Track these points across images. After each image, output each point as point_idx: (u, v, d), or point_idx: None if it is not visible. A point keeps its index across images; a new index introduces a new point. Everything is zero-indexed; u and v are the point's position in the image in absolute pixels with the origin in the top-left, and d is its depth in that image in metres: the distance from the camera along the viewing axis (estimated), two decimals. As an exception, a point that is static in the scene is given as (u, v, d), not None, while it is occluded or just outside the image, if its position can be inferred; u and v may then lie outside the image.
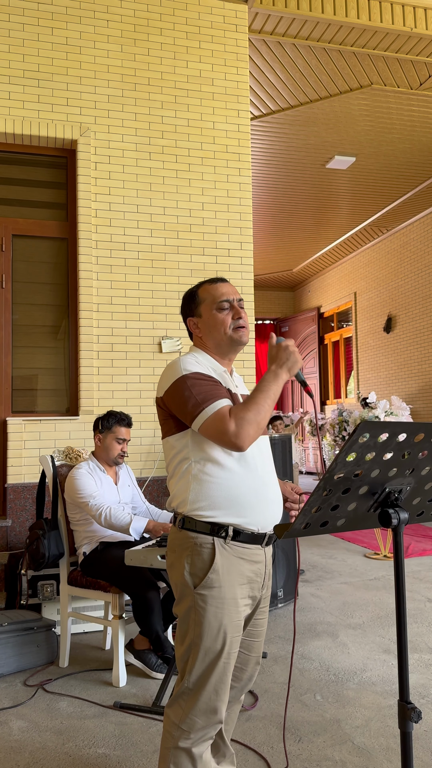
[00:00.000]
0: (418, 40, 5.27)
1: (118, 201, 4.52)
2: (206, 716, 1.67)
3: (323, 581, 4.81)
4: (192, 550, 1.70)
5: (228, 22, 4.80)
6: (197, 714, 1.67)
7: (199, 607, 1.67)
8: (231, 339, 1.81)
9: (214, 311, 1.81)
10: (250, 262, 4.76)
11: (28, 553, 3.33)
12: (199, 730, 1.68)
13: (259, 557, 1.76)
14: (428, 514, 1.55)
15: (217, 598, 1.67)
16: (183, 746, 1.67)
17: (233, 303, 1.82)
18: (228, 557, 1.69)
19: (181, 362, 1.74)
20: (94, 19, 4.52)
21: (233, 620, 1.68)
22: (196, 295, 1.86)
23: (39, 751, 2.41)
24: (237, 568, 1.71)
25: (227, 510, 1.69)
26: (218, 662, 1.67)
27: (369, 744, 2.41)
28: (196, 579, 1.69)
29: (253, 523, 1.72)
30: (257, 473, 1.74)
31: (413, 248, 9.84)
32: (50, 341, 4.49)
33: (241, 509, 1.70)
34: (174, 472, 1.77)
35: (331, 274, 12.62)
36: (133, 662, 3.14)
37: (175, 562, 1.74)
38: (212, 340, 1.83)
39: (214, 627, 1.66)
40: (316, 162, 7.68)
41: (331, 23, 5.00)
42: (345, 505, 1.36)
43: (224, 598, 1.68)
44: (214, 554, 1.68)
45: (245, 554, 1.72)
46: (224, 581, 1.68)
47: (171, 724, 1.70)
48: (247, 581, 1.73)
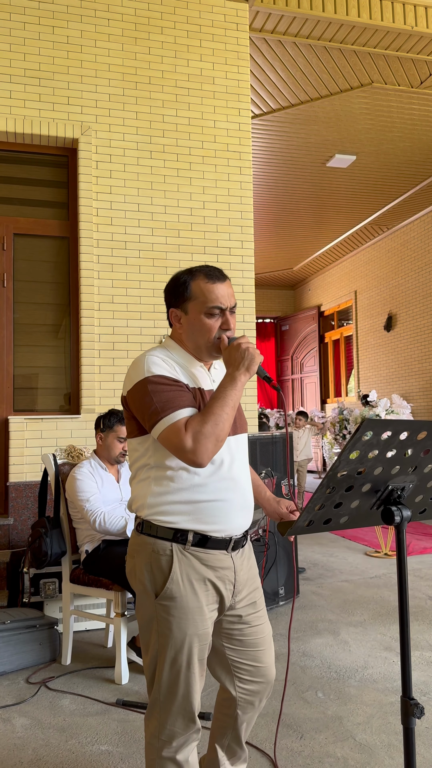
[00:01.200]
0: (419, 39, 5.28)
1: (119, 199, 4.52)
2: (183, 723, 1.62)
3: (324, 579, 4.82)
4: (151, 557, 1.62)
5: (229, 21, 4.80)
6: (174, 723, 1.61)
7: (161, 617, 1.60)
8: (212, 349, 1.67)
9: (203, 315, 1.64)
10: (251, 260, 4.76)
11: (31, 552, 3.34)
12: (180, 737, 1.63)
13: (225, 563, 1.65)
14: (430, 512, 1.56)
15: (179, 608, 1.58)
16: (167, 756, 1.63)
17: (225, 310, 1.66)
18: (188, 563, 1.60)
19: (146, 362, 1.60)
20: (95, 18, 4.52)
21: (199, 630, 1.60)
22: (187, 287, 1.66)
23: (42, 748, 2.42)
24: (199, 575, 1.61)
25: (187, 516, 1.60)
26: (186, 672, 1.60)
27: (371, 741, 2.42)
28: (157, 588, 1.60)
29: (217, 529, 1.62)
30: (223, 476, 1.63)
31: (414, 246, 9.85)
32: (51, 340, 4.50)
33: (202, 515, 1.60)
34: (136, 474, 1.69)
35: (332, 272, 12.63)
36: (135, 659, 3.15)
37: (134, 568, 1.66)
38: (192, 342, 1.68)
39: (179, 638, 1.59)
40: (317, 160, 7.68)
41: (331, 22, 5.00)
42: (348, 503, 1.37)
43: (187, 607, 1.59)
44: (172, 562, 1.59)
45: (208, 560, 1.62)
46: (185, 590, 1.59)
47: (151, 735, 1.64)
48: (212, 587, 1.64)
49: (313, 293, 13.48)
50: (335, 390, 12.85)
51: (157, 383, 1.57)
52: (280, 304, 14.32)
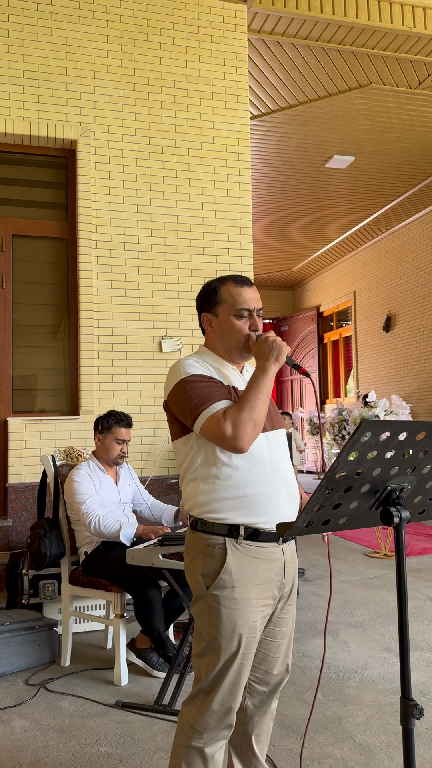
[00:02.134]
0: (417, 40, 5.28)
1: (118, 201, 4.52)
2: (219, 716, 1.67)
3: (323, 580, 4.82)
4: (204, 551, 1.69)
5: (227, 22, 4.81)
6: (211, 714, 1.66)
7: (212, 608, 1.66)
8: (242, 349, 1.78)
9: (232, 317, 1.76)
10: (249, 261, 4.76)
11: (30, 553, 3.34)
12: (212, 731, 1.67)
13: (276, 555, 1.72)
14: (429, 513, 1.56)
15: (230, 598, 1.65)
16: (196, 745, 1.67)
17: (253, 312, 1.78)
18: (241, 557, 1.67)
19: (182, 365, 1.72)
20: (93, 20, 4.52)
21: (248, 621, 1.66)
22: (218, 292, 1.79)
23: (41, 750, 2.42)
24: (251, 568, 1.68)
25: (237, 510, 1.67)
26: (233, 663, 1.65)
27: (370, 741, 2.42)
28: (209, 580, 1.68)
29: (265, 521, 1.69)
30: (266, 470, 1.71)
31: (412, 247, 9.85)
32: (50, 341, 4.50)
33: (251, 508, 1.68)
34: (184, 475, 1.77)
35: (331, 273, 12.63)
36: (135, 661, 3.15)
37: (189, 564, 1.74)
38: (223, 344, 1.79)
39: (229, 628, 1.65)
40: (316, 161, 7.68)
41: (330, 23, 5.01)
42: (347, 504, 1.37)
43: (237, 598, 1.66)
44: (226, 555, 1.66)
45: (260, 553, 1.69)
46: (237, 581, 1.66)
47: (185, 722, 1.69)
48: (264, 581, 1.70)
49: (312, 294, 13.48)
50: (334, 390, 12.85)
51: (193, 381, 1.69)
52: (279, 305, 14.33)
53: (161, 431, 4.49)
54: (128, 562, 2.80)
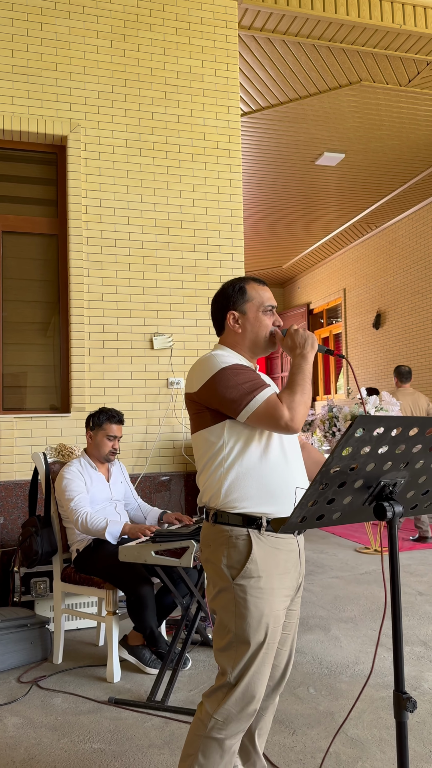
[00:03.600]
0: (407, 37, 5.30)
1: (109, 197, 4.51)
2: (242, 707, 1.67)
3: (315, 576, 4.84)
4: (228, 542, 1.71)
5: (218, 18, 4.80)
6: (233, 705, 1.67)
7: (239, 598, 1.68)
8: (266, 345, 1.87)
9: (261, 313, 1.86)
10: (241, 258, 4.77)
11: (21, 551, 3.33)
12: (233, 722, 1.67)
13: (293, 546, 1.76)
14: (422, 507, 1.57)
15: (256, 588, 1.68)
16: (216, 736, 1.67)
17: (274, 310, 1.90)
18: (264, 547, 1.70)
19: (217, 357, 1.76)
20: (83, 15, 4.50)
21: (274, 610, 1.69)
22: (244, 291, 1.87)
23: (34, 747, 2.42)
24: (274, 559, 1.71)
25: (259, 500, 1.71)
26: (260, 652, 1.67)
27: (362, 735, 2.44)
28: (234, 571, 1.69)
29: (285, 511, 1.72)
30: (287, 462, 1.76)
31: (402, 245, 9.89)
32: (40, 338, 4.48)
33: (272, 498, 1.71)
34: (205, 466, 1.78)
35: (321, 270, 12.66)
36: (127, 658, 3.15)
37: (210, 557, 1.75)
38: (250, 340, 1.86)
39: (256, 617, 1.67)
40: (306, 158, 7.69)
41: (320, 20, 5.01)
42: (341, 499, 1.37)
43: (263, 588, 1.68)
44: (251, 545, 1.69)
45: (280, 544, 1.73)
46: (263, 571, 1.68)
47: (205, 713, 1.69)
48: (285, 571, 1.73)
49: (303, 291, 13.51)
50: (324, 387, 12.89)
51: (236, 370, 1.73)
52: (269, 302, 14.33)
53: (152, 428, 4.48)
54: (120, 559, 2.80)
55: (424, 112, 6.64)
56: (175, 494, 4.45)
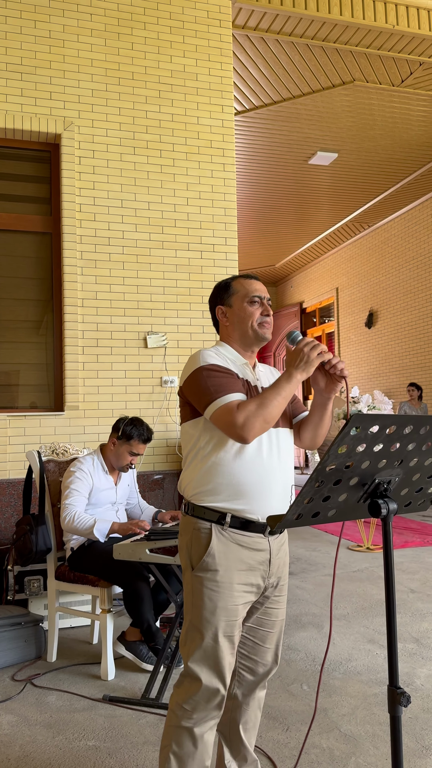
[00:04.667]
0: (400, 38, 5.32)
1: (103, 196, 4.51)
2: (206, 697, 1.71)
3: (307, 573, 4.87)
4: (192, 534, 1.77)
5: (212, 17, 4.80)
6: (199, 695, 1.70)
7: (196, 589, 1.73)
8: (256, 333, 1.88)
9: (245, 304, 1.88)
10: (234, 257, 4.78)
11: (15, 549, 3.33)
12: (201, 711, 1.71)
13: (260, 546, 1.77)
14: (415, 505, 1.59)
15: (212, 581, 1.71)
16: (185, 725, 1.71)
17: (263, 300, 1.90)
18: (225, 543, 1.73)
19: (201, 355, 1.80)
20: (77, 13, 4.49)
21: (228, 604, 1.72)
22: (230, 286, 1.92)
23: (29, 745, 2.42)
24: (235, 554, 1.73)
25: (227, 496, 1.73)
26: (213, 644, 1.70)
27: (355, 731, 2.46)
28: (194, 562, 1.75)
29: (254, 511, 1.74)
30: (262, 463, 1.77)
31: (394, 244, 9.93)
32: (33, 336, 4.48)
33: (241, 497, 1.73)
34: (186, 457, 1.84)
35: (314, 269, 12.69)
36: (124, 653, 3.16)
37: (180, 545, 1.82)
38: (238, 332, 1.89)
39: (209, 609, 1.71)
40: (299, 158, 7.71)
41: (314, 20, 5.03)
42: (336, 496, 1.39)
43: (220, 582, 1.71)
44: (211, 539, 1.73)
45: (244, 541, 1.75)
46: (220, 565, 1.72)
47: (175, 703, 1.74)
48: (247, 567, 1.75)
49: (295, 290, 13.54)
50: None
51: (211, 370, 1.76)
52: (262, 301, 14.35)
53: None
54: (115, 557, 2.81)
55: (416, 112, 6.67)
56: (168, 492, 4.46)
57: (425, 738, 2.39)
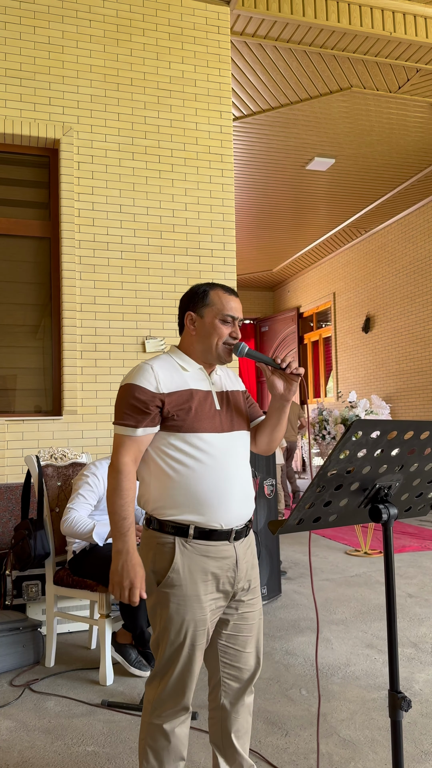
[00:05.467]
0: (397, 45, 5.35)
1: (101, 201, 4.52)
2: (174, 698, 1.77)
3: (305, 578, 4.87)
4: (155, 548, 1.77)
5: (210, 24, 4.83)
6: (166, 696, 1.77)
7: (162, 604, 1.75)
8: (219, 354, 1.84)
9: (217, 320, 1.83)
10: (232, 262, 4.79)
11: (14, 553, 3.33)
12: (169, 710, 1.78)
13: (226, 553, 1.78)
14: (416, 510, 1.60)
15: (178, 596, 1.73)
16: (155, 722, 1.79)
17: (236, 321, 1.85)
18: (189, 555, 1.73)
19: (138, 370, 1.78)
20: (76, 19, 4.51)
21: (196, 616, 1.74)
22: (207, 295, 1.85)
23: (28, 751, 2.42)
24: (200, 566, 1.74)
25: (186, 508, 1.73)
26: (182, 652, 1.74)
27: (354, 736, 2.46)
28: (159, 577, 1.75)
29: (215, 520, 1.74)
30: (219, 470, 1.75)
31: (391, 249, 9.97)
32: (31, 341, 4.48)
33: (200, 507, 1.73)
34: (140, 470, 1.84)
35: (311, 274, 12.72)
36: (113, 655, 3.15)
37: (143, 559, 1.81)
38: (201, 345, 1.85)
39: (177, 622, 1.73)
40: (296, 163, 7.74)
41: (311, 26, 5.05)
42: (337, 501, 1.40)
43: (186, 595, 1.73)
44: (174, 553, 1.73)
45: (209, 551, 1.75)
46: (185, 580, 1.73)
47: (147, 701, 1.82)
48: (212, 578, 1.76)
49: (293, 295, 13.57)
50: (314, 391, 12.94)
51: (133, 395, 1.75)
52: (259, 306, 14.38)
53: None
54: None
55: (413, 118, 6.71)
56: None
57: (424, 743, 2.39)
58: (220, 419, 1.81)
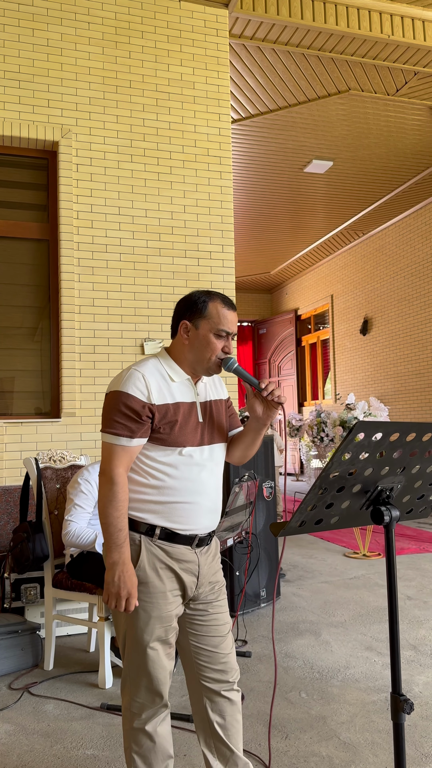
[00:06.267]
0: (395, 48, 5.37)
1: (100, 203, 4.52)
2: (150, 697, 1.78)
3: (304, 581, 4.86)
4: None
5: (209, 27, 4.83)
6: (142, 697, 1.78)
7: None
8: (209, 368, 1.84)
9: (212, 334, 1.81)
10: (231, 264, 4.79)
11: (13, 556, 3.31)
12: (148, 710, 1.79)
13: (189, 557, 1.81)
14: (417, 512, 1.59)
15: (144, 592, 1.75)
16: (137, 726, 1.79)
17: (230, 336, 1.84)
18: (154, 554, 1.77)
19: (128, 377, 1.76)
20: (75, 21, 4.51)
21: (162, 612, 1.76)
22: (206, 306, 1.82)
23: (27, 754, 2.41)
24: (164, 564, 1.78)
25: (158, 514, 1.77)
26: (151, 650, 1.75)
27: (354, 739, 2.45)
28: None
29: (184, 528, 1.79)
30: (194, 482, 1.79)
31: (389, 252, 9.99)
32: (29, 343, 4.47)
33: (171, 514, 1.77)
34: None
35: (309, 276, 12.74)
36: (113, 659, 3.14)
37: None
38: (193, 356, 1.83)
39: (144, 619, 1.75)
40: (294, 166, 7.75)
41: (310, 29, 5.07)
42: (339, 504, 1.39)
43: (151, 592, 1.76)
44: (140, 551, 1.77)
45: (173, 553, 1.79)
46: (150, 576, 1.76)
47: (124, 707, 1.82)
48: (175, 576, 1.80)
49: (290, 297, 13.58)
50: (312, 393, 12.95)
51: (123, 403, 1.73)
52: (257, 308, 14.39)
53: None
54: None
55: (411, 121, 6.73)
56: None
57: (424, 745, 2.39)
58: (201, 432, 1.83)
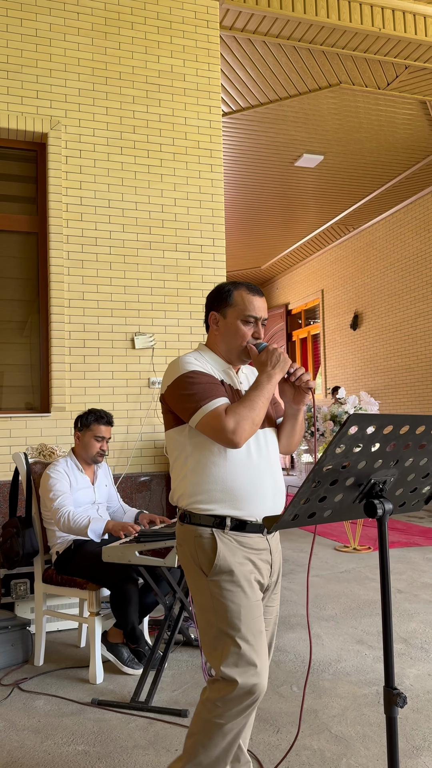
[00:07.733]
0: (386, 41, 5.35)
1: (90, 195, 4.48)
2: (242, 697, 1.67)
3: (295, 574, 4.87)
4: (195, 542, 1.77)
5: (199, 18, 4.80)
6: (233, 695, 1.66)
7: (215, 593, 1.72)
8: (240, 355, 1.87)
9: (239, 321, 1.85)
10: (222, 258, 4.77)
11: (2, 551, 3.29)
12: (234, 709, 1.68)
13: (261, 545, 1.80)
14: (410, 505, 1.59)
15: (229, 581, 1.72)
16: (217, 721, 1.69)
17: (259, 321, 1.87)
18: (228, 544, 1.75)
19: (181, 362, 1.80)
20: (64, 11, 4.46)
21: (251, 601, 1.72)
22: (231, 295, 1.87)
23: (17, 750, 2.39)
24: (241, 554, 1.76)
25: (223, 502, 1.75)
26: (248, 645, 1.69)
27: (346, 732, 2.46)
28: (206, 568, 1.74)
29: (250, 514, 1.77)
30: (253, 465, 1.78)
31: (379, 246, 9.99)
32: (18, 337, 4.43)
33: (236, 501, 1.75)
34: (174, 465, 1.85)
35: (299, 271, 12.73)
36: (105, 654, 3.13)
37: (183, 558, 1.82)
38: (225, 345, 1.88)
39: (234, 611, 1.70)
40: (285, 160, 7.73)
41: (301, 21, 5.04)
42: (332, 497, 1.38)
43: (237, 581, 1.72)
44: (216, 543, 1.74)
45: (246, 542, 1.77)
46: (232, 565, 1.73)
47: (207, 698, 1.70)
48: (254, 566, 1.78)
49: (281, 292, 13.57)
50: (302, 388, 12.96)
51: (193, 377, 1.76)
52: (247, 303, 14.37)
53: (134, 428, 4.47)
54: (104, 560, 2.78)
55: (402, 115, 6.72)
56: (156, 494, 4.44)
57: (415, 738, 2.40)
58: None
